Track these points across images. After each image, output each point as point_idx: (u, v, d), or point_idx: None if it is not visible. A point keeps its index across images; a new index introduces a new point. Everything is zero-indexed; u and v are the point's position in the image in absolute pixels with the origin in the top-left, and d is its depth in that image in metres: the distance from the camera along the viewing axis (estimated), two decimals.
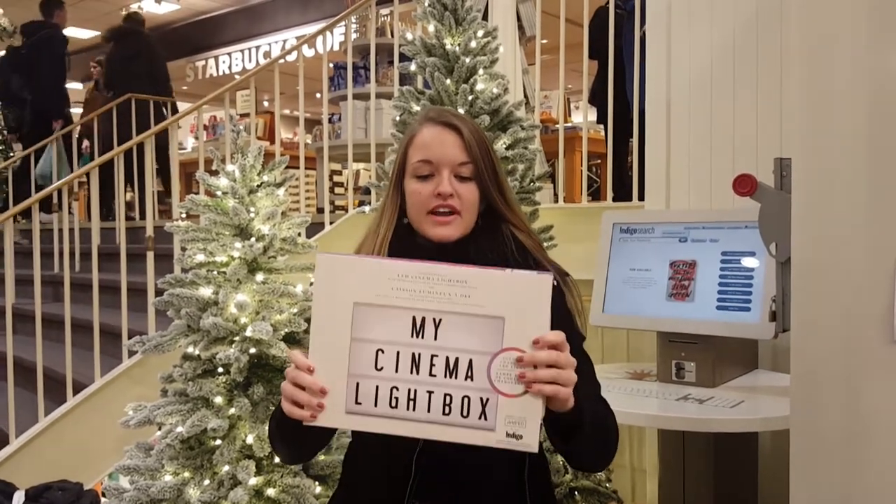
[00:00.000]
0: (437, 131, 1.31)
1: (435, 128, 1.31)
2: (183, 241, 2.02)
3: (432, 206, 1.27)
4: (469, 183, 1.29)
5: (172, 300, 1.98)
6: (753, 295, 1.97)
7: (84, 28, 12.27)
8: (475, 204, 1.30)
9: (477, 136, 1.32)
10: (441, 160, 1.28)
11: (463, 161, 1.29)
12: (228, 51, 12.00)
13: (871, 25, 1.32)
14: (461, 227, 1.29)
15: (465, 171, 1.29)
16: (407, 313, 1.03)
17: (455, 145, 1.29)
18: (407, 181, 1.32)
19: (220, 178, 2.04)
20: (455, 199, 1.27)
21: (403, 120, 2.45)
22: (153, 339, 2.01)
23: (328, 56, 4.45)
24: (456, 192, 1.27)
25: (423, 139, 1.31)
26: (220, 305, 1.95)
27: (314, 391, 1.04)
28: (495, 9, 3.62)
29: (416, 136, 1.33)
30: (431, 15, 2.48)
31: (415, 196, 1.29)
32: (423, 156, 1.29)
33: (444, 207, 1.27)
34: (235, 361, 1.90)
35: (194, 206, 2.01)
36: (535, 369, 1.00)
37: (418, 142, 1.31)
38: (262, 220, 2.04)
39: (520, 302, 1.02)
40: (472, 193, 1.30)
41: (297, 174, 2.83)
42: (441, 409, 1.02)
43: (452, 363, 1.02)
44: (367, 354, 1.03)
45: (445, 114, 1.35)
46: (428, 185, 1.28)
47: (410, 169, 1.31)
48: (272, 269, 2.07)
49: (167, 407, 1.96)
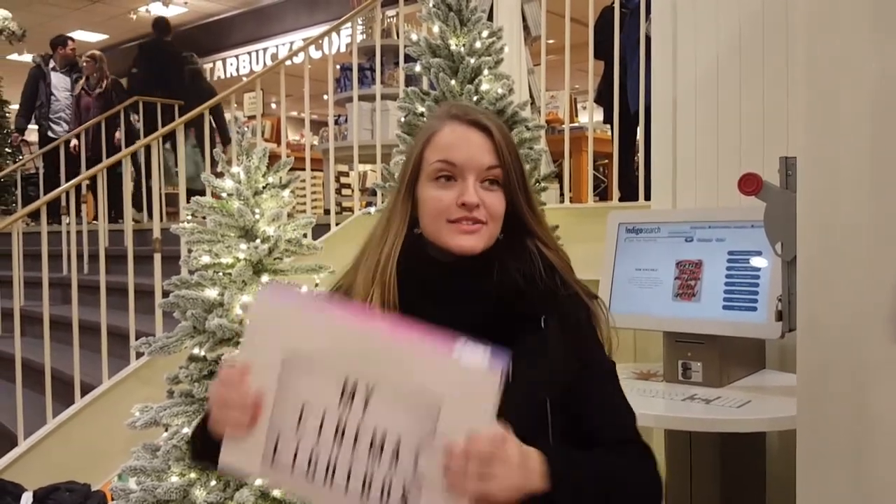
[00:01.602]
0: (463, 130, 1.15)
1: (460, 126, 1.15)
2: (189, 243, 2.03)
3: (454, 217, 1.11)
4: (496, 191, 1.13)
5: (178, 302, 1.98)
6: (760, 294, 1.96)
7: (93, 32, 12.33)
8: (502, 215, 1.14)
9: (507, 138, 1.16)
10: (467, 164, 1.12)
11: (491, 165, 1.13)
12: (235, 53, 12.04)
13: (876, 24, 1.32)
14: (486, 237, 1.12)
15: (494, 177, 1.13)
16: (338, 375, 0.90)
17: (483, 147, 1.14)
18: (422, 186, 1.15)
19: (226, 180, 2.04)
20: (481, 211, 1.11)
21: (409, 121, 2.45)
22: (159, 340, 2.02)
23: (334, 58, 4.46)
24: (482, 201, 1.11)
25: (446, 138, 1.15)
26: (226, 307, 1.96)
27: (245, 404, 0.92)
28: (500, 9, 3.62)
29: (436, 135, 1.16)
30: (436, 16, 2.48)
31: (433, 203, 1.12)
32: (445, 157, 1.13)
33: (469, 220, 1.11)
34: None
35: (200, 208, 2.02)
36: (466, 466, 0.85)
37: (439, 141, 1.15)
38: (268, 222, 2.05)
39: (463, 390, 0.87)
40: (500, 203, 1.14)
41: (302, 176, 2.83)
42: (360, 490, 0.90)
43: (378, 441, 0.89)
44: (291, 408, 0.93)
45: (472, 111, 1.19)
46: (449, 192, 1.12)
47: (428, 172, 1.14)
48: (277, 270, 2.07)
49: (173, 408, 1.96)
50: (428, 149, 1.15)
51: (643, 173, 3.20)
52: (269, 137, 9.33)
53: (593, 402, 1.12)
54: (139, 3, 11.08)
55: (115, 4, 10.70)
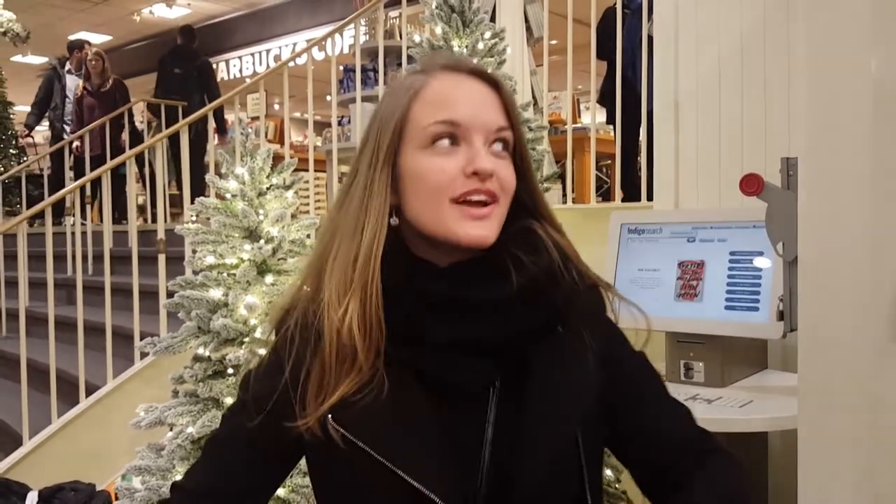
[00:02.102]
0: (463, 81, 0.89)
1: (458, 77, 0.90)
2: (193, 244, 2.04)
3: (462, 190, 0.85)
4: (505, 159, 0.89)
5: (183, 302, 1.99)
6: (762, 295, 1.97)
7: (97, 33, 12.37)
8: (513, 189, 0.90)
9: (511, 94, 0.93)
10: (473, 122, 0.86)
11: (502, 126, 0.88)
12: (239, 54, 12.07)
13: (877, 25, 1.33)
14: (497, 222, 0.88)
15: (503, 139, 0.89)
16: None
17: (490, 103, 0.89)
18: (410, 157, 0.88)
19: (230, 181, 2.05)
20: (494, 182, 0.86)
21: None
22: (164, 340, 2.03)
23: (338, 59, 4.47)
24: (495, 170, 0.86)
25: (443, 91, 0.88)
26: (230, 307, 1.97)
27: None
28: (503, 10, 3.63)
29: (425, 89, 0.89)
30: (439, 17, 2.49)
31: (433, 176, 0.85)
32: (444, 115, 0.86)
33: (483, 194, 0.85)
34: (245, 362, 1.92)
35: (204, 209, 2.03)
36: None
37: (433, 96, 0.88)
38: (271, 223, 2.06)
39: None
40: (511, 174, 0.90)
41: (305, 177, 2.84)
42: None
43: None
44: None
45: (468, 60, 0.96)
46: (453, 160, 0.86)
47: (420, 138, 0.87)
48: (281, 270, 2.08)
49: (178, 408, 1.97)
50: (415, 107, 0.88)
51: (646, 174, 3.21)
52: (273, 138, 9.34)
53: (643, 405, 0.94)
54: (142, 5, 11.12)
55: (119, 6, 10.73)
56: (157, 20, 11.92)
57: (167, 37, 12.65)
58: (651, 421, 0.93)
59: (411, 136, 0.88)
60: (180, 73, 6.59)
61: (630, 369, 0.96)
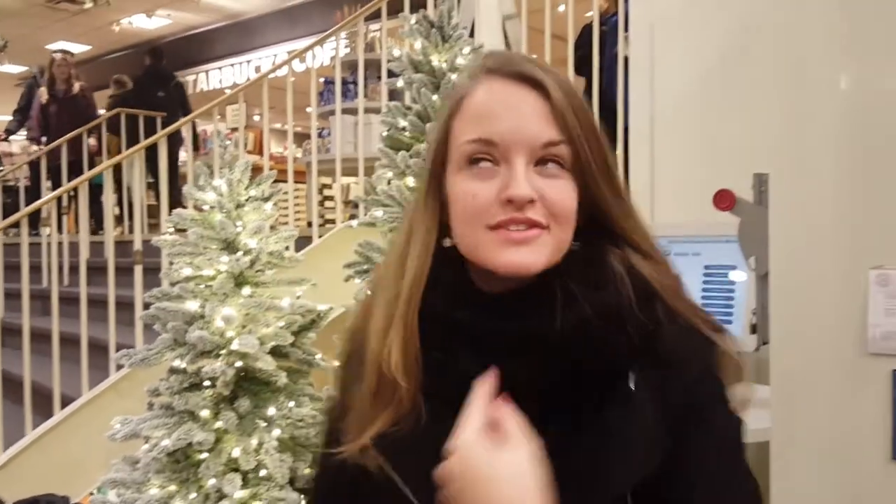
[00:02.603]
0: (504, 89, 0.78)
1: (499, 83, 0.78)
2: (170, 255, 2.03)
3: (498, 219, 0.75)
4: (560, 178, 0.77)
5: (159, 314, 1.98)
6: (735, 308, 2.00)
7: (76, 43, 12.30)
8: (572, 213, 0.77)
9: (572, 96, 0.78)
10: (512, 139, 0.75)
11: (551, 140, 0.76)
12: (219, 65, 12.04)
13: (844, 45, 1.36)
14: (548, 249, 0.76)
15: (556, 156, 0.76)
16: None
17: (536, 112, 0.76)
18: (451, 177, 0.80)
19: (208, 193, 2.05)
20: (537, 209, 0.75)
21: (391, 135, 2.47)
22: (139, 352, 2.02)
23: (318, 71, 4.48)
24: (540, 194, 0.75)
25: (480, 103, 0.78)
26: (207, 319, 1.96)
27: None
28: (482, 26, 3.67)
29: (466, 100, 0.80)
30: (418, 32, 2.51)
31: (465, 202, 0.77)
32: (479, 132, 0.77)
33: (521, 224, 0.75)
34: (221, 375, 1.91)
35: (181, 221, 2.02)
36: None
37: (471, 108, 0.79)
38: (249, 234, 2.06)
39: None
40: (568, 195, 0.77)
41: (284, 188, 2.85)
42: None
43: None
44: None
45: (516, 60, 0.80)
46: (488, 185, 0.76)
47: (458, 156, 0.79)
48: (259, 282, 2.08)
49: (153, 420, 1.96)
50: (456, 121, 0.80)
51: None
52: (252, 149, 9.32)
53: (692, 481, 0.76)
54: (122, 15, 11.07)
55: (98, 16, 10.68)
56: (137, 30, 11.88)
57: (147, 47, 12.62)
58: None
59: (452, 154, 0.80)
60: (164, 96, 6.64)
61: (697, 441, 0.76)
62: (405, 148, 2.37)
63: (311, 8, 10.16)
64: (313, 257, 3.65)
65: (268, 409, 1.98)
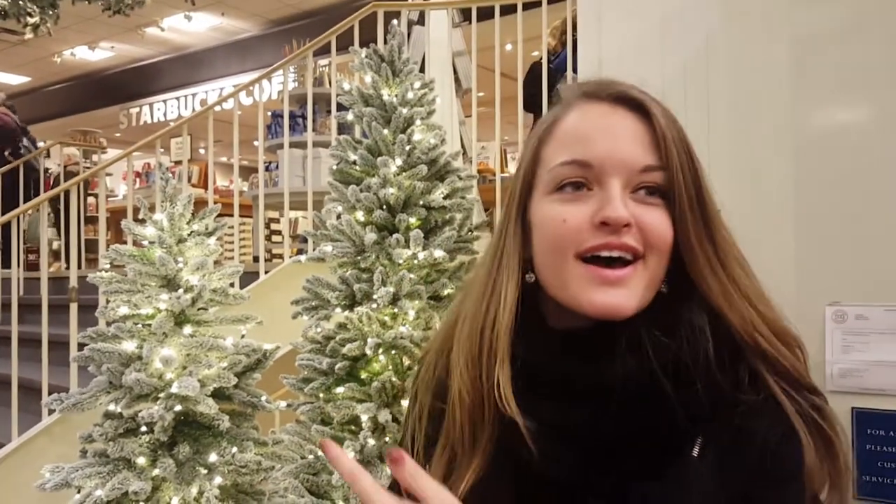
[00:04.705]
0: (602, 112, 0.72)
1: (597, 107, 0.73)
2: (106, 293, 1.94)
3: (589, 244, 0.69)
4: (659, 207, 0.70)
5: (94, 355, 1.89)
6: None
7: (15, 74, 12.03)
8: (668, 243, 0.70)
9: (674, 124, 0.73)
10: (609, 161, 0.69)
11: (650, 165, 0.70)
12: (164, 98, 11.89)
13: (794, 81, 1.37)
14: (641, 287, 0.70)
15: (653, 183, 0.70)
16: None
17: (636, 136, 0.71)
18: (537, 204, 0.73)
19: (147, 227, 1.97)
20: (633, 235, 0.68)
21: (341, 168, 2.43)
22: (72, 396, 1.91)
23: (266, 104, 4.42)
24: (637, 220, 0.69)
25: (575, 126, 0.72)
26: (145, 360, 1.87)
27: None
28: (432, 62, 3.67)
29: (559, 124, 0.74)
30: (368, 66, 2.48)
31: (554, 226, 0.70)
32: (572, 154, 0.70)
33: (615, 249, 0.68)
34: (160, 419, 1.82)
35: (119, 256, 1.93)
36: None
37: (565, 132, 0.73)
38: (191, 271, 1.98)
39: None
40: (665, 224, 0.70)
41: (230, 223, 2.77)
42: None
43: None
44: None
45: (615, 84, 0.75)
46: (580, 208, 0.69)
47: (546, 181, 0.72)
48: (201, 321, 2.00)
49: (86, 469, 1.85)
50: (547, 146, 0.74)
51: None
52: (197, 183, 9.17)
53: None
54: (64, 47, 10.86)
55: (40, 47, 10.44)
56: (79, 62, 11.67)
57: (88, 79, 12.39)
58: None
59: (541, 180, 0.73)
60: None
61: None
62: (355, 182, 2.33)
63: (262, 42, 10.13)
64: (260, 294, 3.57)
65: (209, 455, 1.89)
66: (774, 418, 0.68)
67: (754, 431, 0.67)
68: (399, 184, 2.27)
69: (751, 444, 0.67)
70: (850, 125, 1.37)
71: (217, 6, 9.39)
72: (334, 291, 2.18)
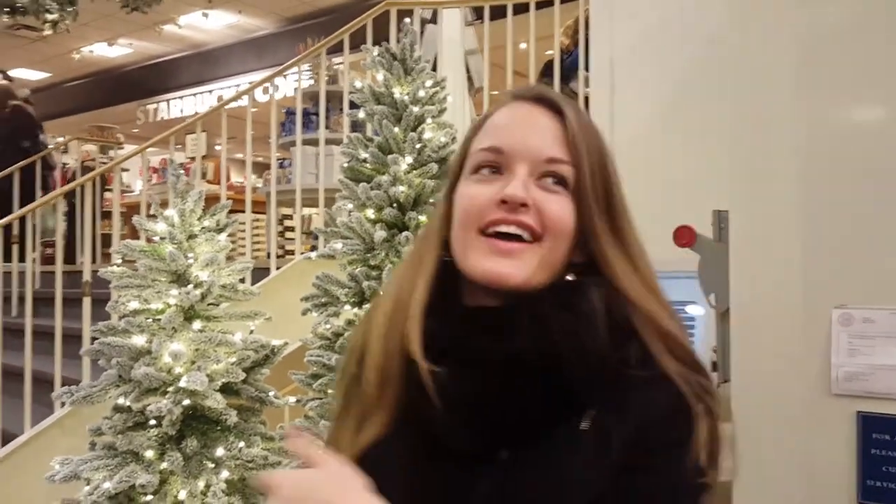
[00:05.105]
0: (524, 109, 0.81)
1: (521, 105, 0.82)
2: (116, 288, 1.96)
3: (489, 218, 0.76)
4: (561, 195, 0.77)
5: (104, 349, 1.90)
6: (696, 345, 1.97)
7: (36, 70, 12.13)
8: (567, 233, 0.77)
9: (588, 127, 0.81)
10: (518, 149, 0.78)
11: (555, 157, 0.77)
12: (181, 95, 11.95)
13: (804, 79, 1.36)
14: (532, 264, 0.75)
15: (559, 172, 0.77)
16: None
17: (548, 131, 0.79)
18: (461, 184, 0.82)
19: (158, 223, 1.98)
20: (530, 214, 0.75)
21: (352, 166, 2.44)
22: (82, 389, 1.93)
23: (281, 102, 4.44)
24: (535, 202, 0.75)
25: (500, 120, 0.82)
26: (154, 355, 1.89)
27: None
28: (444, 60, 3.67)
29: (489, 119, 0.84)
30: (380, 64, 2.49)
31: (464, 203, 0.79)
32: (490, 141, 0.80)
33: (512, 224, 0.75)
34: (168, 413, 1.83)
35: (130, 252, 1.95)
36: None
37: (491, 123, 0.83)
38: (201, 267, 1.99)
39: None
40: (565, 212, 0.77)
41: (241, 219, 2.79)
42: None
43: None
44: None
45: (542, 89, 0.84)
46: (488, 189, 0.77)
47: (469, 164, 0.81)
48: (211, 316, 2.01)
49: (94, 461, 1.87)
50: (476, 137, 0.83)
51: None
52: (212, 179, 9.22)
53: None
54: (82, 43, 10.94)
55: (58, 44, 10.52)
56: (97, 58, 11.75)
57: (106, 75, 12.48)
58: None
59: (466, 166, 0.82)
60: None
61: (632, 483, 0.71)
62: (366, 179, 2.34)
63: (278, 39, 10.16)
64: (270, 290, 3.58)
65: (216, 449, 1.90)
66: (664, 392, 0.73)
67: (643, 405, 0.72)
68: (409, 182, 2.27)
69: (639, 416, 0.72)
70: (860, 126, 1.36)
71: (234, 4, 9.42)
72: (344, 288, 2.19)
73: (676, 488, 0.73)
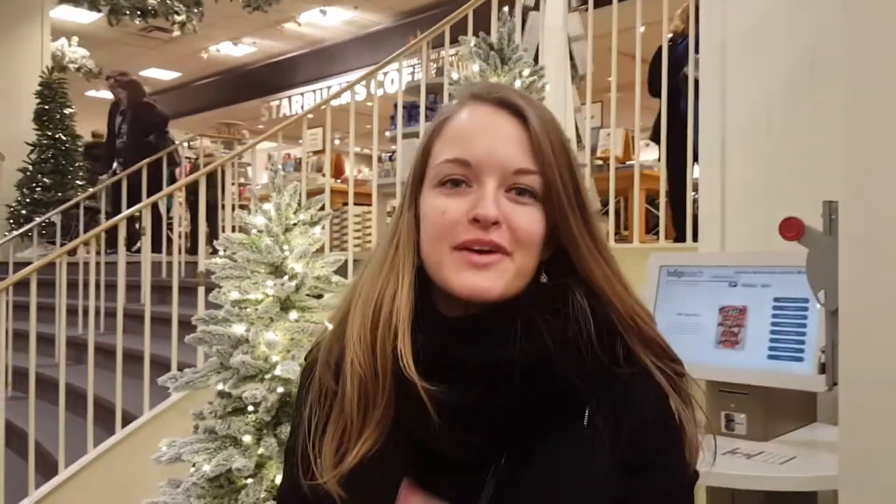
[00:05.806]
0: (485, 114, 0.79)
1: (481, 108, 0.80)
2: (218, 278, 2.03)
3: (462, 239, 0.75)
4: (531, 206, 0.77)
5: (205, 337, 1.98)
6: (807, 344, 1.85)
7: (166, 70, 12.84)
8: (536, 240, 0.78)
9: (550, 127, 0.79)
10: (485, 161, 0.76)
11: (523, 168, 0.77)
12: (301, 91, 12.37)
13: None
14: (508, 276, 0.76)
15: (527, 184, 0.77)
16: None
17: (512, 139, 0.77)
18: (424, 196, 0.80)
19: (257, 216, 2.04)
20: (502, 232, 0.76)
21: None
22: (185, 375, 2.02)
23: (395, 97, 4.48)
24: (506, 218, 0.76)
25: (460, 126, 0.80)
26: (251, 343, 1.95)
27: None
28: (546, 48, 3.61)
29: (448, 122, 0.81)
30: (477, 55, 2.48)
31: (434, 217, 0.77)
32: (455, 152, 0.78)
33: (485, 245, 0.75)
34: (263, 400, 1.89)
35: (230, 244, 2.02)
36: None
37: (451, 130, 0.80)
38: (296, 259, 2.03)
39: None
40: (535, 224, 0.77)
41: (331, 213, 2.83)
42: None
43: None
44: None
45: (500, 88, 0.82)
46: (457, 203, 0.77)
47: (433, 174, 0.79)
48: (305, 307, 2.05)
49: (195, 444, 1.95)
50: (436, 143, 0.81)
51: (691, 214, 3.12)
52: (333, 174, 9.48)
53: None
54: (210, 43, 11.50)
55: (187, 44, 11.11)
56: (224, 58, 12.33)
57: (232, 74, 13.07)
58: None
59: (429, 174, 0.80)
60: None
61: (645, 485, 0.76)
62: None
63: (393, 34, 10.32)
64: None
65: None
66: (649, 387, 0.78)
67: (635, 400, 0.77)
68: None
69: (636, 414, 0.77)
70: None
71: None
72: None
73: (682, 484, 0.79)
